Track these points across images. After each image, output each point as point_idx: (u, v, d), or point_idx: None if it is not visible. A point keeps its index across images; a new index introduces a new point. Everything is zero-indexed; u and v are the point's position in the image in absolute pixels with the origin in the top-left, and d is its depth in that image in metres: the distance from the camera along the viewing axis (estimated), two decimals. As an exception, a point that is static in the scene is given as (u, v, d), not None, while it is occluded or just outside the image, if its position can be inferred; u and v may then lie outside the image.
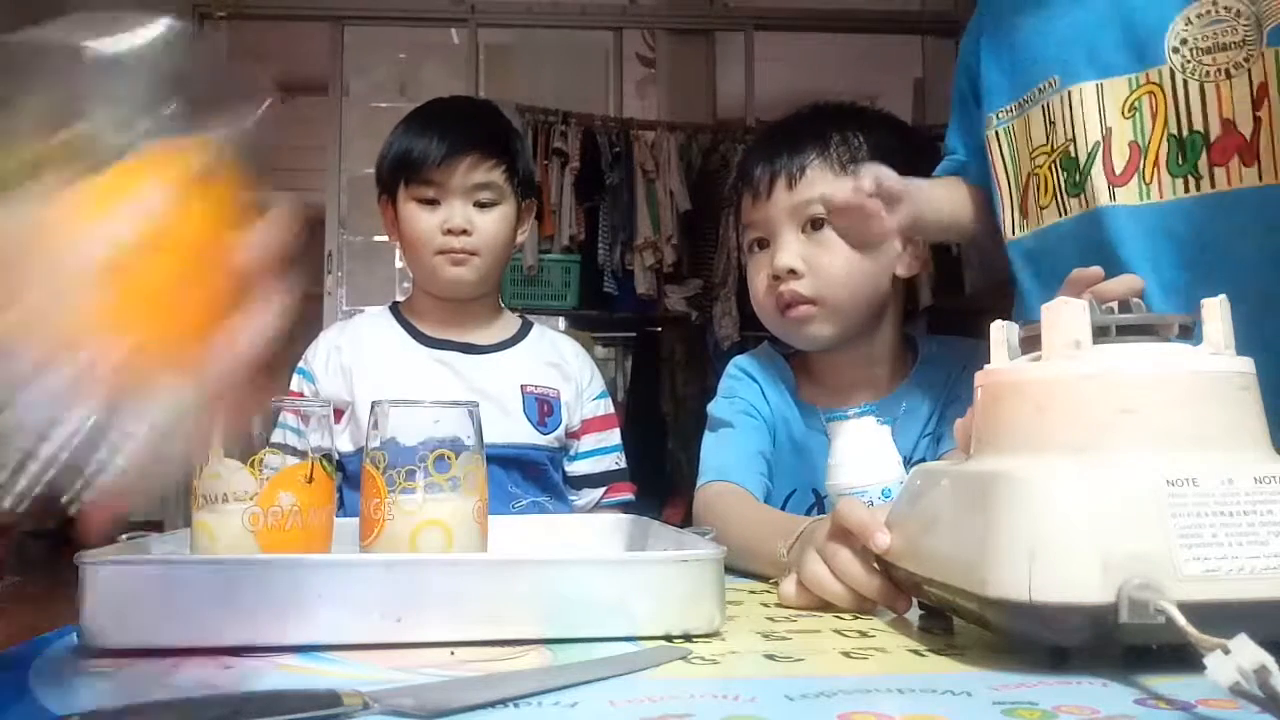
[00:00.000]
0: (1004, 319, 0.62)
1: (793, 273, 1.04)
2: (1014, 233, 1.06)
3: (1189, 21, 0.90)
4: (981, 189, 1.10)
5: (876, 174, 0.92)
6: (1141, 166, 0.93)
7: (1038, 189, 1.02)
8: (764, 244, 1.09)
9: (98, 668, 0.52)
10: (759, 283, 1.09)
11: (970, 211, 1.11)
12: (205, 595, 0.56)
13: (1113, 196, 0.94)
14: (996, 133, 1.06)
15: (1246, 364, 0.54)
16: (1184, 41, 0.90)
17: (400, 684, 0.48)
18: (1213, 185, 0.91)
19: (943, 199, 1.08)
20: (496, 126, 1.37)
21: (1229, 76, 0.89)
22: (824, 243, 1.04)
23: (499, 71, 4.64)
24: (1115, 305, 0.58)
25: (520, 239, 1.37)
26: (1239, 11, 0.89)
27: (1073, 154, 0.97)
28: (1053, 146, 0.99)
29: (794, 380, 1.14)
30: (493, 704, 0.45)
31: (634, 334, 4.00)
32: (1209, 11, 0.90)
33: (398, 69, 5.16)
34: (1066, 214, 0.99)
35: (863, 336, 1.08)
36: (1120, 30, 0.95)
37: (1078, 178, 0.97)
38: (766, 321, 1.11)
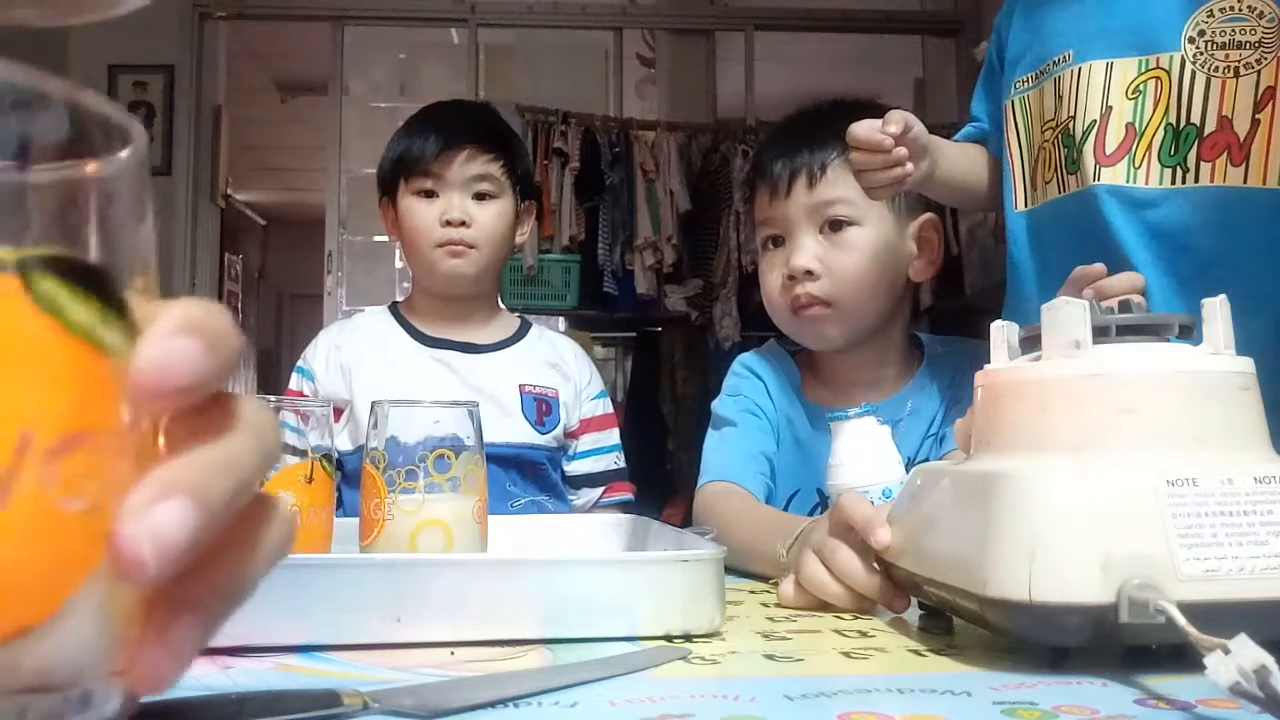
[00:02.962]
0: (1003, 319, 0.62)
1: (809, 274, 1.04)
2: (1023, 205, 1.06)
3: (1211, 14, 0.91)
4: (997, 161, 1.11)
5: (906, 120, 0.90)
6: (1133, 150, 0.94)
7: (1044, 163, 1.02)
8: (779, 241, 1.08)
9: (98, 668, 0.52)
10: (772, 281, 1.08)
11: (985, 180, 1.12)
12: (205, 595, 0.56)
13: (1098, 176, 0.95)
14: (1013, 102, 1.07)
15: (1246, 364, 0.54)
16: (1201, 33, 0.91)
17: (400, 684, 0.48)
18: (1197, 180, 0.91)
19: (959, 162, 1.08)
20: (493, 124, 1.39)
21: (1237, 75, 0.90)
22: (841, 244, 1.04)
23: (499, 71, 4.63)
24: (1115, 305, 0.58)
25: (520, 240, 1.38)
26: (1262, 13, 0.89)
27: (1072, 130, 0.98)
28: (1057, 122, 1.00)
29: (800, 379, 1.13)
30: (493, 704, 0.45)
31: (634, 334, 4.00)
32: (1233, 7, 0.90)
33: (398, 69, 5.16)
34: (1064, 190, 0.99)
35: (873, 337, 1.08)
36: (1140, 13, 0.95)
37: (1074, 155, 0.97)
38: (778, 320, 1.10)
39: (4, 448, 0.20)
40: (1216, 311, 0.55)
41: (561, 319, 3.82)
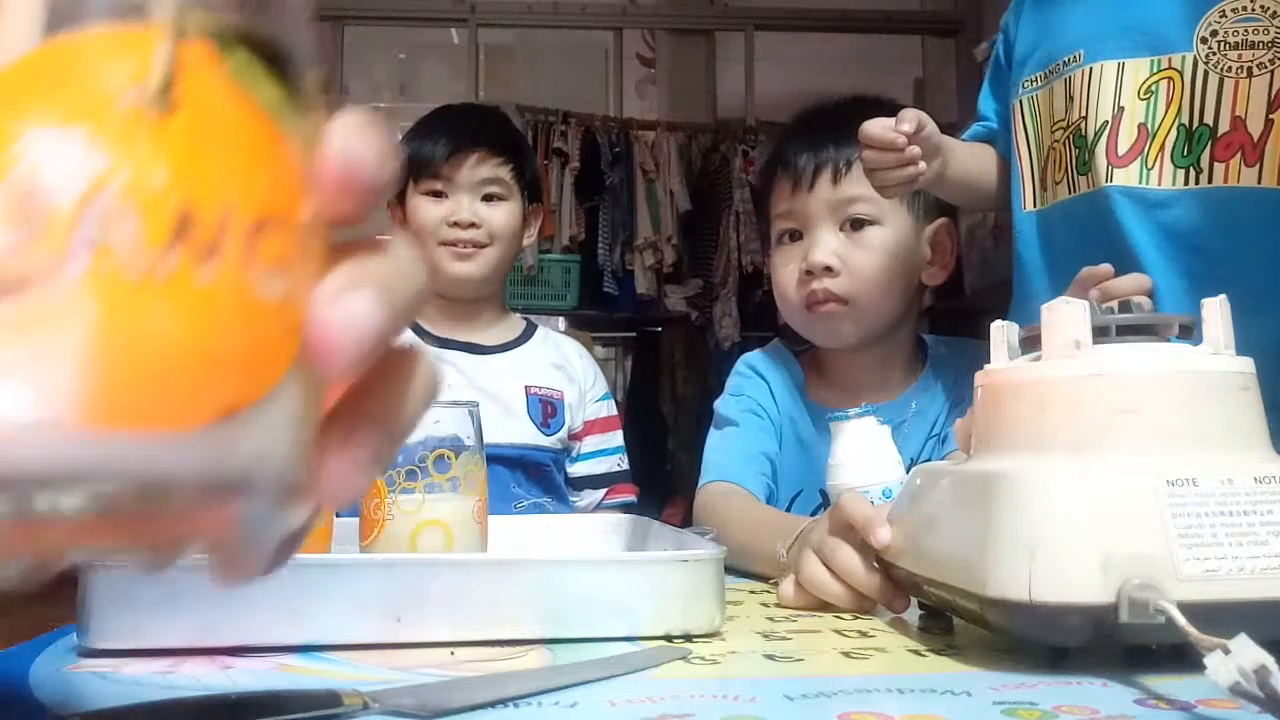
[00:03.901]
0: (1004, 319, 0.62)
1: (828, 270, 1.03)
2: (1032, 205, 1.06)
3: (1223, 14, 0.91)
4: (1006, 160, 1.10)
5: (919, 118, 0.90)
6: (1146, 151, 0.94)
7: (1054, 164, 1.02)
8: (795, 235, 1.08)
9: (98, 668, 0.52)
10: (787, 275, 1.08)
11: (995, 179, 1.11)
12: (205, 595, 0.56)
13: (1110, 177, 0.95)
14: (1021, 101, 1.07)
15: (1246, 364, 0.54)
16: (1214, 33, 0.91)
17: (400, 684, 0.48)
18: (1210, 180, 0.91)
19: (970, 162, 1.07)
20: (503, 128, 1.40)
21: (1250, 75, 0.89)
22: (861, 243, 1.04)
23: (499, 71, 4.63)
24: (1115, 305, 0.58)
25: (527, 243, 1.39)
26: (1275, 13, 0.89)
27: (1083, 131, 0.98)
28: (1068, 122, 1.00)
29: (804, 379, 1.13)
30: (493, 704, 0.45)
31: (634, 334, 4.00)
32: (1245, 7, 0.90)
33: (398, 69, 5.16)
34: (1075, 191, 0.99)
35: (881, 339, 1.08)
36: (1151, 13, 0.95)
37: (1086, 156, 0.97)
38: (790, 315, 1.10)
39: (208, 219, 0.19)
40: (1216, 311, 0.55)
41: (561, 319, 3.82)
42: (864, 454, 0.85)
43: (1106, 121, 0.96)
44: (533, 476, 1.30)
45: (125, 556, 0.22)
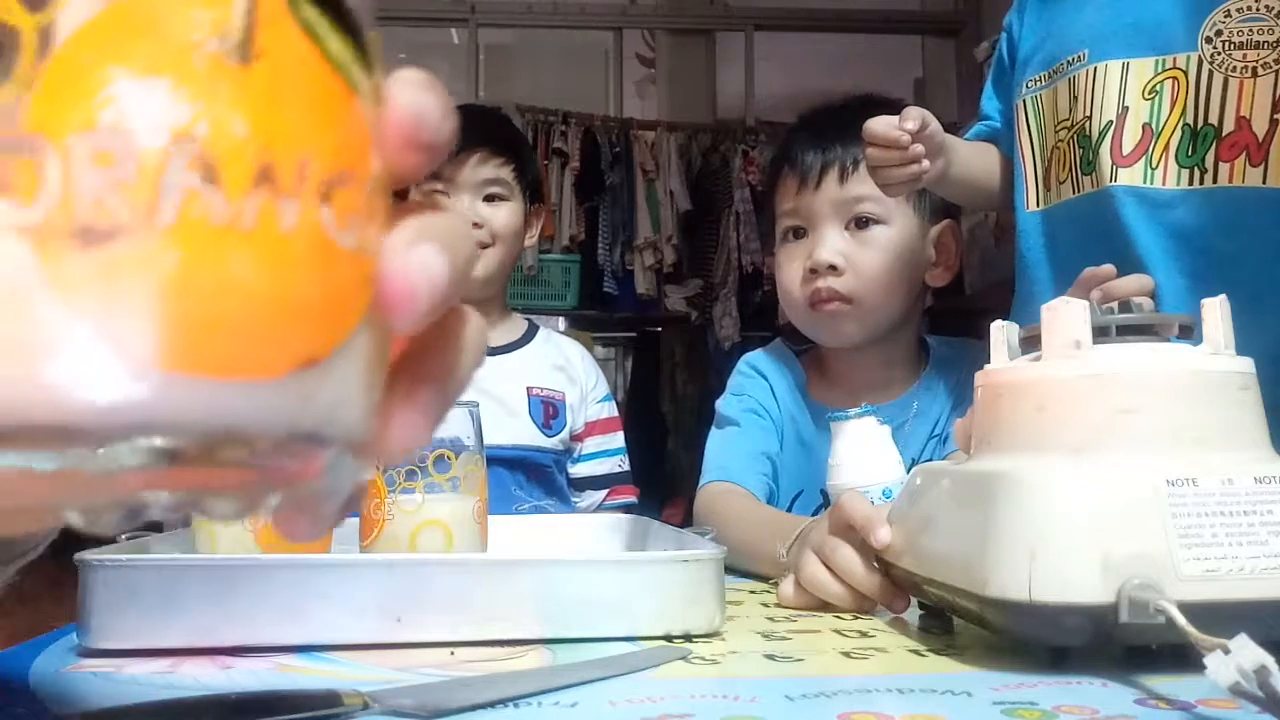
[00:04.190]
0: (1004, 319, 0.62)
1: (832, 269, 1.03)
2: (1036, 205, 1.06)
3: (1228, 14, 0.91)
4: (1009, 160, 1.10)
5: (923, 116, 0.90)
6: (1150, 150, 0.93)
7: (1058, 164, 1.02)
8: (800, 233, 1.08)
9: (98, 668, 0.52)
10: (791, 273, 1.07)
11: (998, 179, 1.11)
12: (205, 595, 0.56)
13: (1114, 176, 0.95)
14: (1025, 101, 1.07)
15: (1246, 364, 0.54)
16: (1219, 33, 0.90)
17: (400, 684, 0.48)
18: (1215, 180, 0.91)
19: (973, 161, 1.07)
20: (505, 128, 1.42)
21: (1255, 75, 0.89)
22: (867, 242, 1.04)
23: (499, 71, 4.63)
24: (1115, 305, 0.58)
25: (528, 243, 1.39)
26: None
27: (1088, 131, 0.97)
28: (1073, 122, 1.00)
29: (805, 379, 1.13)
30: (493, 704, 0.45)
31: (634, 334, 4.00)
32: (1250, 7, 0.90)
33: (398, 69, 5.16)
34: (1079, 191, 0.99)
35: (885, 339, 1.08)
36: (1155, 12, 0.95)
37: (1090, 155, 0.97)
38: (793, 314, 1.10)
39: (287, 169, 0.19)
40: (1216, 311, 0.55)
41: (561, 319, 3.83)
42: (864, 454, 0.85)
43: (1111, 121, 0.96)
44: (534, 478, 1.30)
45: (202, 505, 0.22)
